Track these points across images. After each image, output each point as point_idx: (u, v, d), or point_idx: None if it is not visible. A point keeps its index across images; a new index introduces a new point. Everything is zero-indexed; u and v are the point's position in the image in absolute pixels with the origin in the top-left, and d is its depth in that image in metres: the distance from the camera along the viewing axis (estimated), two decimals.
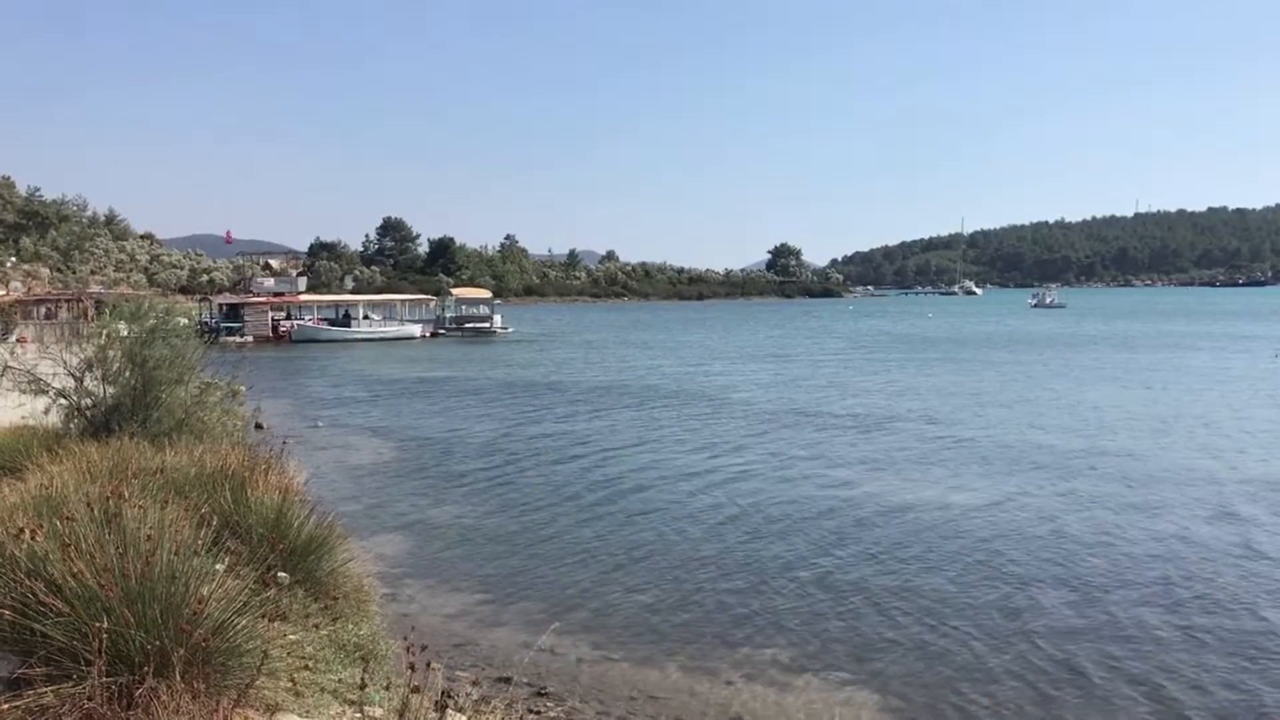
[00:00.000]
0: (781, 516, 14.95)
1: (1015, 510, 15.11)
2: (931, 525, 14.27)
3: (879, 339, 66.47)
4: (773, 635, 9.92)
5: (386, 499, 16.49)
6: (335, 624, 7.61)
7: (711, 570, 12.15)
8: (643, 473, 18.60)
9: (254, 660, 4.93)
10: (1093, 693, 8.47)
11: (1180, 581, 11.47)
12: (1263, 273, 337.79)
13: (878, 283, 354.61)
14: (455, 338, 69.40)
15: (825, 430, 23.66)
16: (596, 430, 24.23)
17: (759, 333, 76.37)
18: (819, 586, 11.46)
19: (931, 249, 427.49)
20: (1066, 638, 9.74)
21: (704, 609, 10.73)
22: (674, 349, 56.88)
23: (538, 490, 17.11)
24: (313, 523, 8.58)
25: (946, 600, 10.93)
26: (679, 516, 15.05)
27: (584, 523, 14.68)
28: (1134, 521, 14.31)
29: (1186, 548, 12.91)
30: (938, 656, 9.30)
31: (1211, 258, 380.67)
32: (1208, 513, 14.83)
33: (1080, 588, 11.33)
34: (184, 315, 16.36)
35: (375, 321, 69.73)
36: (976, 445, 21.11)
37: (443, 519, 14.99)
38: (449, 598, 11.21)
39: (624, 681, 8.84)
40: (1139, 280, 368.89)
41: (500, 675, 8.73)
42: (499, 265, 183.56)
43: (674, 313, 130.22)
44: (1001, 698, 8.41)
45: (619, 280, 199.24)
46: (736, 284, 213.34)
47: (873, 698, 8.44)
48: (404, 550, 13.22)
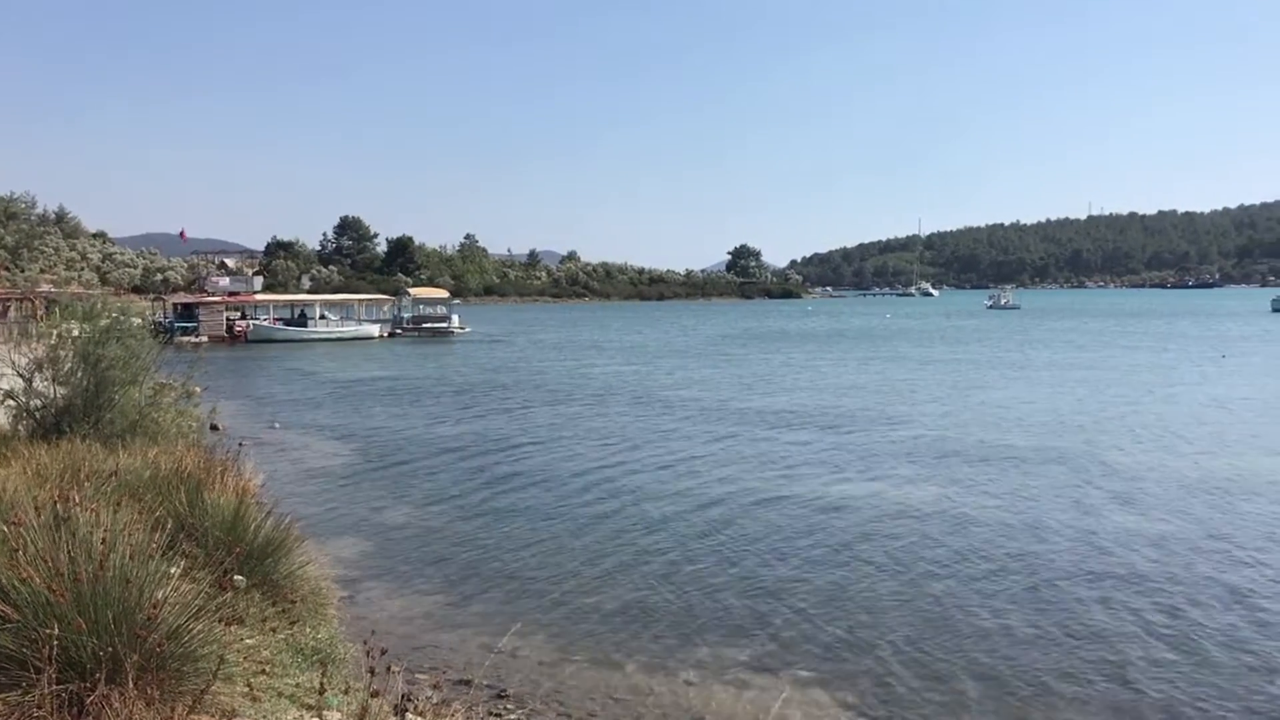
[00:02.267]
0: (741, 516, 14.99)
1: (966, 508, 15.26)
2: (887, 523, 14.36)
3: (835, 336, 67.03)
4: (733, 635, 9.94)
5: (344, 500, 16.34)
6: (293, 627, 7.55)
7: (671, 570, 12.16)
8: (601, 472, 18.58)
9: (210, 665, 4.87)
10: (1050, 689, 8.58)
11: (1138, 578, 11.66)
12: (1210, 275, 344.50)
13: (836, 284, 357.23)
14: (412, 338, 68.95)
15: (778, 428, 23.79)
16: (553, 430, 24.18)
17: (726, 328, 76.73)
18: (779, 585, 11.51)
19: (889, 251, 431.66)
20: (1022, 634, 9.85)
21: (664, 609, 10.74)
22: (628, 349, 56.90)
23: (496, 490, 17.04)
24: (270, 525, 8.50)
25: (903, 599, 11.02)
26: (638, 515, 15.05)
27: (542, 522, 14.64)
28: (1074, 518, 14.52)
29: (1122, 539, 13.14)
30: (895, 654, 9.37)
31: (1162, 260, 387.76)
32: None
33: (1035, 583, 11.45)
34: (138, 315, 16.12)
35: (332, 321, 69.08)
36: (925, 443, 21.31)
37: (401, 520, 14.88)
38: (408, 600, 11.12)
39: (585, 683, 8.82)
40: (1092, 281, 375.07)
41: (460, 677, 8.68)
42: (458, 265, 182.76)
43: (634, 313, 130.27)
44: (959, 694, 8.50)
45: (580, 280, 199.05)
46: (697, 285, 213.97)
47: (832, 696, 8.49)
48: (362, 552, 13.11)
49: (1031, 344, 58.46)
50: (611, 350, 56.58)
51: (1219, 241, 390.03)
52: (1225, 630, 9.92)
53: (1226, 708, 8.18)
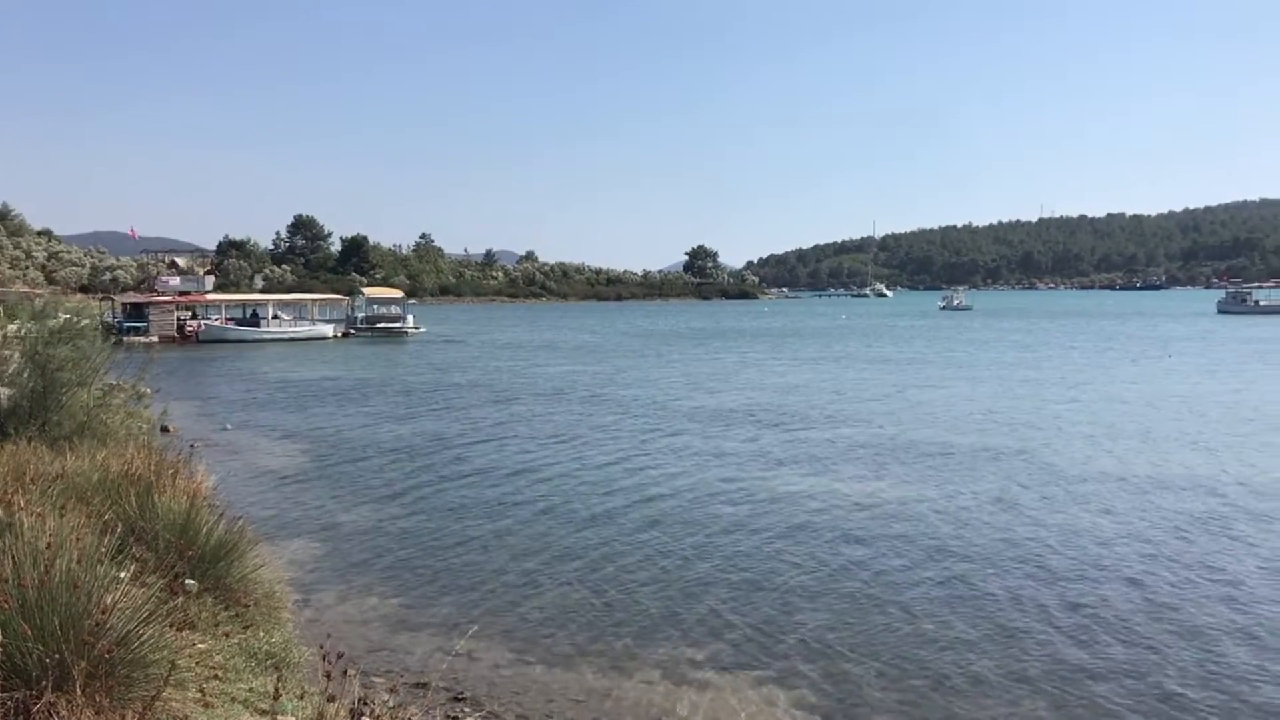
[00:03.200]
0: (698, 515, 15.04)
1: (923, 506, 15.43)
2: (846, 521, 14.48)
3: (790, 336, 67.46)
4: (691, 634, 9.97)
5: (298, 503, 16.15)
6: (246, 632, 7.45)
7: (629, 570, 12.17)
8: (555, 472, 18.55)
9: (160, 671, 4.79)
10: (998, 686, 8.69)
11: (1093, 573, 11.86)
12: (1157, 277, 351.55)
13: (792, 285, 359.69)
14: (367, 338, 68.33)
15: (735, 427, 23.90)
16: (506, 430, 24.10)
17: (682, 327, 76.90)
18: (737, 585, 11.56)
19: (844, 252, 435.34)
20: (975, 632, 9.98)
21: (622, 609, 10.74)
22: (583, 349, 56.86)
23: (451, 492, 16.95)
24: (222, 528, 8.37)
25: (861, 597, 11.11)
26: (594, 516, 15.04)
27: (499, 524, 14.58)
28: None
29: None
30: (854, 652, 9.45)
31: (1110, 262, 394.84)
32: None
33: (993, 581, 11.60)
34: (89, 315, 15.84)
35: (285, 321, 68.26)
36: (875, 443, 21.51)
37: (356, 522, 14.74)
38: (363, 602, 11.02)
39: (542, 684, 8.79)
40: (1042, 283, 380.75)
41: (417, 681, 8.62)
42: (414, 264, 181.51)
43: (591, 314, 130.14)
44: (914, 692, 8.59)
45: (537, 281, 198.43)
46: (654, 285, 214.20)
47: (790, 694, 8.54)
48: (317, 555, 12.96)
49: (979, 344, 59.43)
50: (566, 350, 56.52)
51: (1165, 244, 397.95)
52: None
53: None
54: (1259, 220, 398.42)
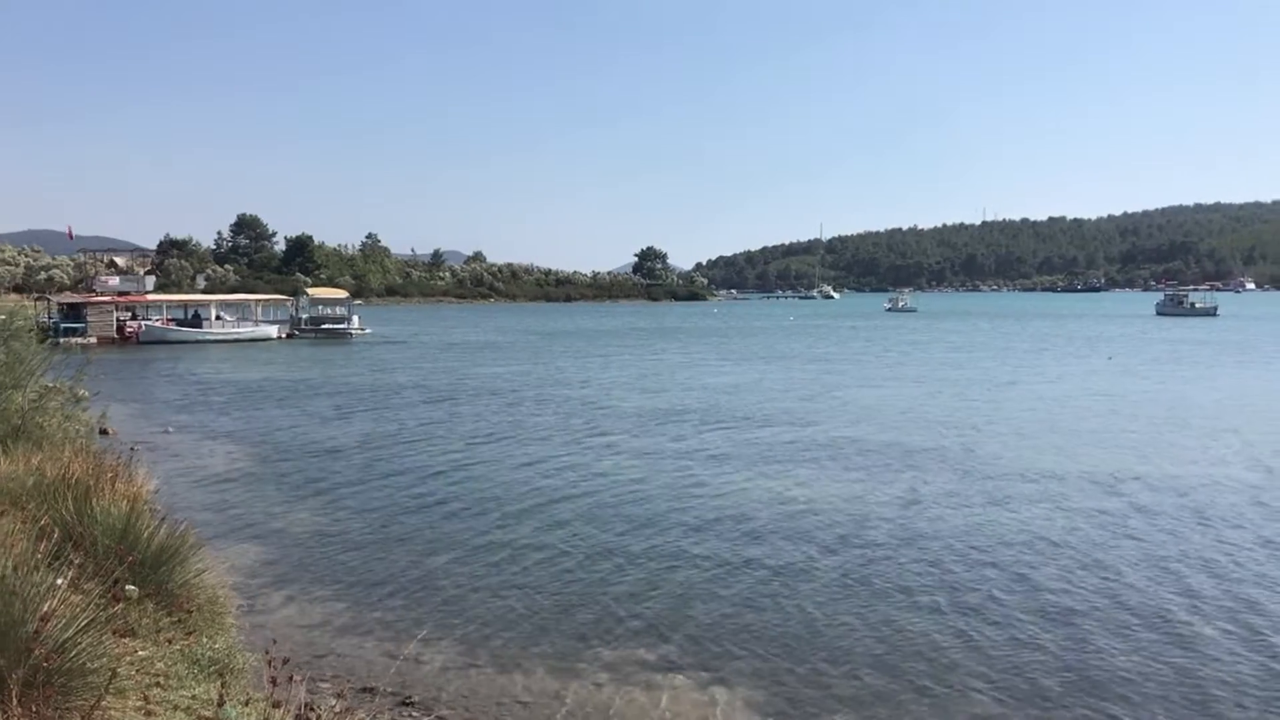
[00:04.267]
0: (643, 515, 15.06)
1: (870, 505, 15.59)
2: (793, 521, 14.59)
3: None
4: (640, 635, 9.98)
5: (242, 506, 15.91)
6: (189, 638, 7.31)
7: (577, 571, 12.15)
8: (500, 474, 18.48)
9: (100, 679, 4.70)
10: (954, 685, 8.81)
11: (1031, 569, 12.06)
12: (1097, 279, 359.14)
13: (740, 286, 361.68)
14: (310, 339, 67.51)
15: (673, 426, 23.99)
16: (450, 432, 23.98)
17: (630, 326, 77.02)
18: (685, 585, 11.59)
19: (792, 254, 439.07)
20: (927, 629, 10.11)
21: (571, 610, 10.72)
22: (530, 349, 56.68)
23: (396, 493, 16.80)
24: (164, 533, 8.22)
25: (810, 596, 11.19)
26: (541, 517, 15.00)
27: (445, 526, 14.49)
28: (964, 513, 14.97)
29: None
30: (803, 651, 9.52)
31: (1052, 264, 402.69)
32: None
33: (941, 578, 11.76)
34: (23, 316, 15.45)
35: (228, 322, 67.20)
36: (806, 441, 21.71)
37: (301, 526, 14.55)
38: (309, 607, 10.88)
39: (491, 687, 8.75)
40: (986, 285, 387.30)
41: (364, 685, 8.54)
42: (360, 265, 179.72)
43: (539, 315, 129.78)
44: (864, 690, 8.67)
45: (485, 281, 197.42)
46: (604, 286, 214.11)
47: (740, 694, 8.58)
48: (261, 559, 12.78)
49: (917, 345, 60.46)
50: (511, 350, 56.31)
51: (1105, 247, 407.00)
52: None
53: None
54: (1193, 225, 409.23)
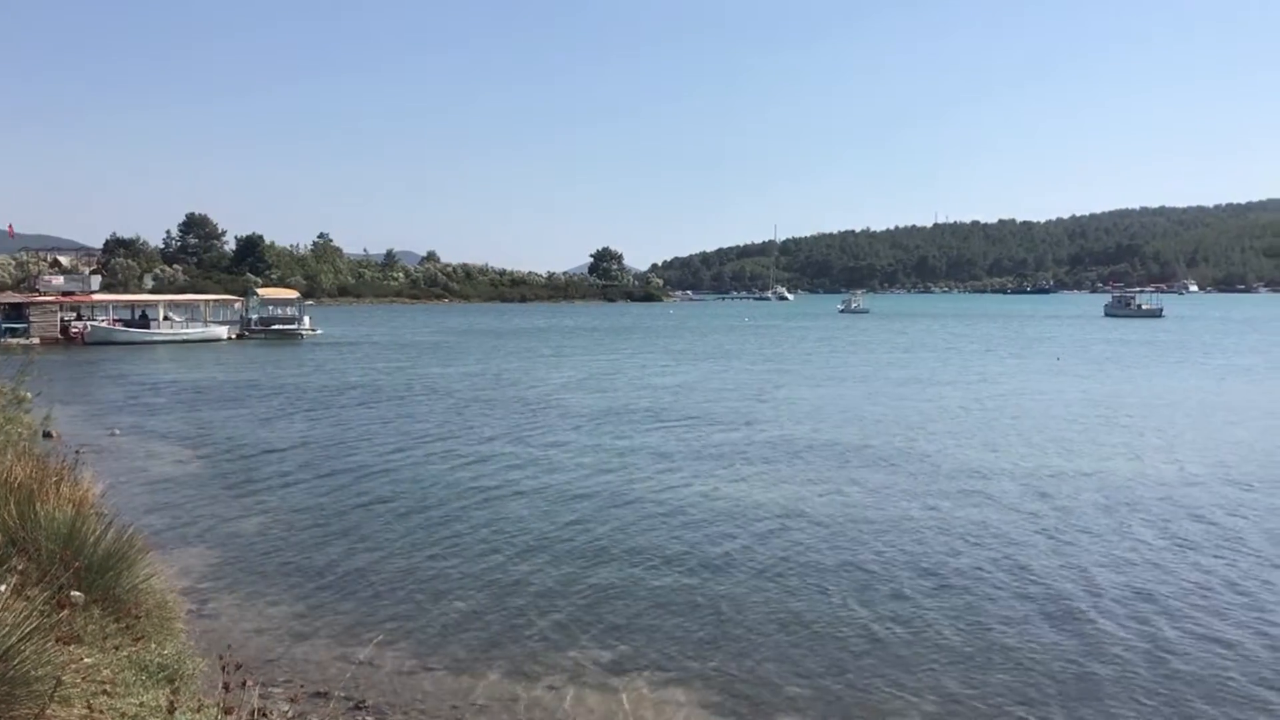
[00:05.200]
0: (599, 515, 15.06)
1: (816, 504, 15.70)
2: (742, 520, 14.66)
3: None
4: (595, 637, 9.97)
5: (191, 510, 15.66)
6: (137, 644, 7.18)
7: (532, 573, 12.10)
8: (452, 474, 18.38)
9: (45, 688, 4.59)
10: (906, 682, 8.89)
11: (967, 568, 12.22)
12: (1046, 281, 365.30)
13: (696, 287, 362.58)
14: (260, 339, 66.64)
15: (633, 425, 24.04)
16: (402, 432, 23.81)
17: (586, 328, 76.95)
18: (640, 586, 11.60)
19: (746, 255, 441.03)
20: (877, 627, 10.20)
21: (525, 613, 10.68)
22: (484, 351, 56.43)
23: (348, 495, 16.64)
24: (110, 537, 8.07)
25: (762, 596, 11.25)
26: (494, 518, 14.94)
27: (397, 527, 14.38)
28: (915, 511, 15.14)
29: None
30: (757, 651, 9.57)
31: (1002, 266, 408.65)
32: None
33: (890, 577, 11.87)
34: None
35: (177, 323, 66.10)
36: (775, 442, 21.84)
37: (252, 529, 14.35)
38: (261, 611, 10.74)
39: (446, 691, 8.69)
40: (937, 287, 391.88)
41: (317, 690, 8.44)
42: (311, 265, 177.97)
43: (493, 315, 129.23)
44: (817, 689, 8.73)
45: (439, 281, 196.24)
46: (559, 287, 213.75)
47: (696, 694, 8.60)
48: (212, 563, 12.59)
49: (866, 346, 61.03)
50: (463, 351, 55.99)
51: (1054, 250, 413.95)
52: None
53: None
54: (1139, 228, 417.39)
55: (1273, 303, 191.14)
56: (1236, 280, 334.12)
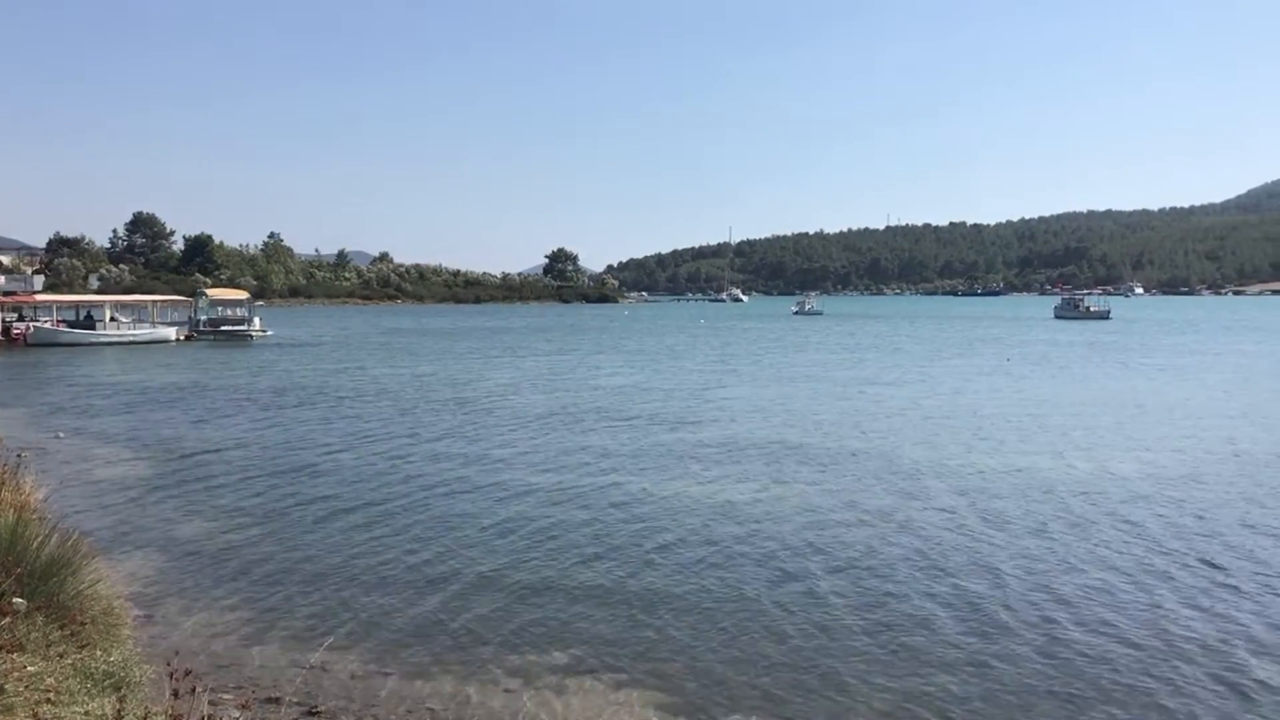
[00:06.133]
0: (552, 517, 15.01)
1: (774, 504, 15.78)
2: (699, 519, 14.69)
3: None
4: (551, 639, 9.94)
5: (139, 514, 15.38)
6: (82, 651, 7.05)
7: (486, 576, 12.03)
8: (408, 476, 18.24)
9: None
10: (862, 681, 8.97)
11: (935, 562, 12.35)
12: (996, 283, 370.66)
13: (651, 289, 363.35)
14: (209, 341, 65.66)
15: (578, 425, 24.02)
16: (354, 434, 23.58)
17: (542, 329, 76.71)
18: (594, 588, 11.58)
19: (701, 257, 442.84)
20: (837, 628, 10.27)
21: (480, 616, 10.62)
22: (437, 351, 56.09)
23: (299, 498, 16.44)
24: (54, 542, 7.93)
25: (717, 596, 11.28)
26: (444, 520, 14.85)
27: (348, 530, 14.23)
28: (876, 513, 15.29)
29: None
30: (712, 651, 9.60)
31: (953, 269, 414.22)
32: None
33: (847, 575, 11.96)
34: None
35: (124, 324, 64.95)
36: (723, 442, 21.93)
37: (202, 533, 14.13)
38: (211, 616, 10.57)
39: (399, 695, 8.62)
40: (889, 289, 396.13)
41: (269, 696, 8.34)
42: (262, 265, 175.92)
43: (446, 316, 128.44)
44: (773, 689, 8.77)
45: (392, 282, 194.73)
46: (514, 288, 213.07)
47: (651, 696, 8.61)
48: (160, 568, 12.38)
49: (815, 347, 61.55)
50: (415, 352, 55.59)
51: (1004, 252, 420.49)
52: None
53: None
54: (1087, 231, 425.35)
55: (1214, 305, 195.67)
56: (1180, 283, 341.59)
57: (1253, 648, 9.62)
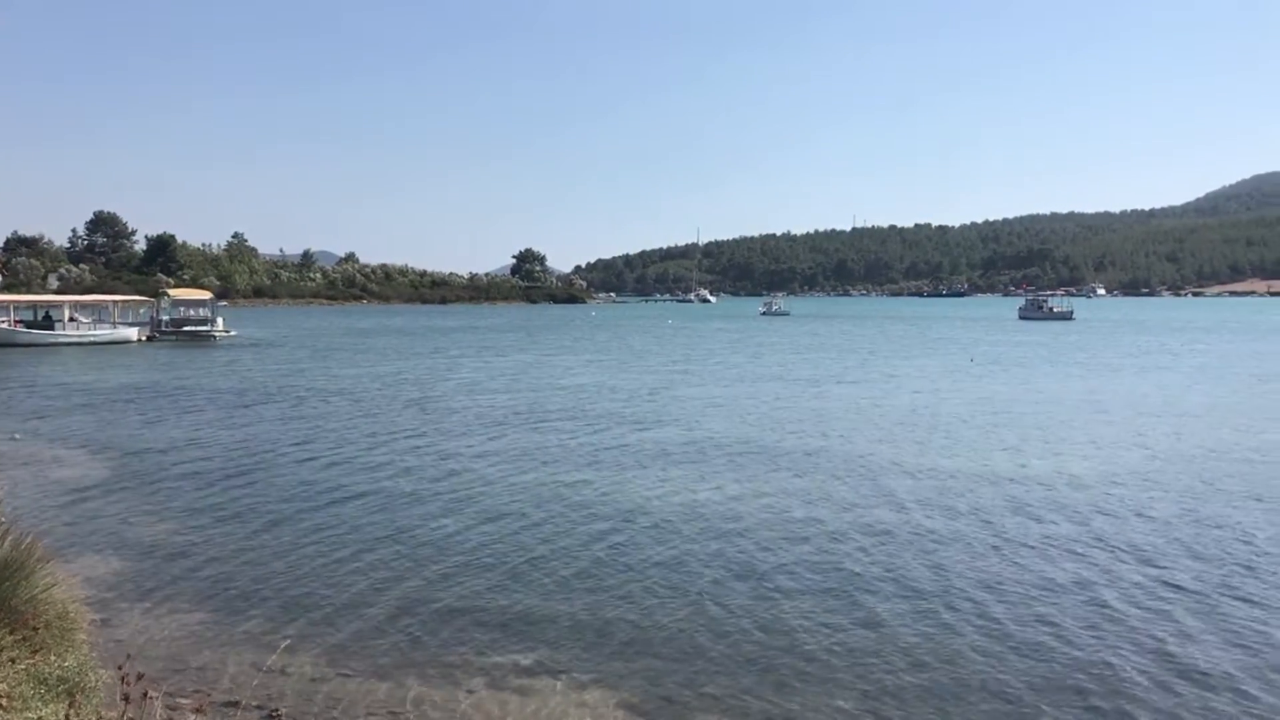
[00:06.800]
0: (511, 517, 14.96)
1: (733, 503, 15.82)
2: (658, 519, 14.69)
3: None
4: (514, 640, 9.90)
5: (96, 516, 15.16)
6: (36, 656, 6.94)
7: (448, 577, 11.97)
8: (365, 476, 18.12)
9: None
10: (824, 679, 9.00)
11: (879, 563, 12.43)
12: (960, 284, 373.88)
13: (619, 289, 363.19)
14: (172, 341, 64.88)
15: (546, 428, 23.95)
16: (315, 435, 23.38)
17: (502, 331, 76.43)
18: (557, 589, 11.55)
19: (669, 258, 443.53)
20: (795, 626, 10.31)
21: (442, 617, 10.56)
22: (389, 352, 55.73)
23: (258, 500, 16.27)
24: (7, 545, 7.79)
25: (680, 596, 11.28)
26: (406, 520, 14.77)
27: (308, 531, 14.11)
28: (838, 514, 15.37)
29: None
30: (675, 652, 9.60)
31: (918, 270, 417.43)
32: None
33: (805, 575, 12.00)
34: None
35: (84, 324, 64.00)
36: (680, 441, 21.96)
37: (160, 535, 13.95)
38: (170, 619, 10.44)
39: (361, 698, 8.54)
40: (856, 290, 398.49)
41: (228, 699, 8.25)
42: (225, 265, 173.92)
43: (412, 316, 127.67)
44: (735, 688, 8.78)
45: (358, 283, 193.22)
46: (481, 288, 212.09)
47: (613, 696, 8.60)
48: (117, 571, 12.21)
49: (773, 348, 61.73)
50: (376, 352, 55.22)
51: (968, 253, 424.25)
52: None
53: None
54: (1049, 233, 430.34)
55: (1173, 306, 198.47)
56: (1141, 284, 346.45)
57: (1186, 641, 9.83)
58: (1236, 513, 15.29)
